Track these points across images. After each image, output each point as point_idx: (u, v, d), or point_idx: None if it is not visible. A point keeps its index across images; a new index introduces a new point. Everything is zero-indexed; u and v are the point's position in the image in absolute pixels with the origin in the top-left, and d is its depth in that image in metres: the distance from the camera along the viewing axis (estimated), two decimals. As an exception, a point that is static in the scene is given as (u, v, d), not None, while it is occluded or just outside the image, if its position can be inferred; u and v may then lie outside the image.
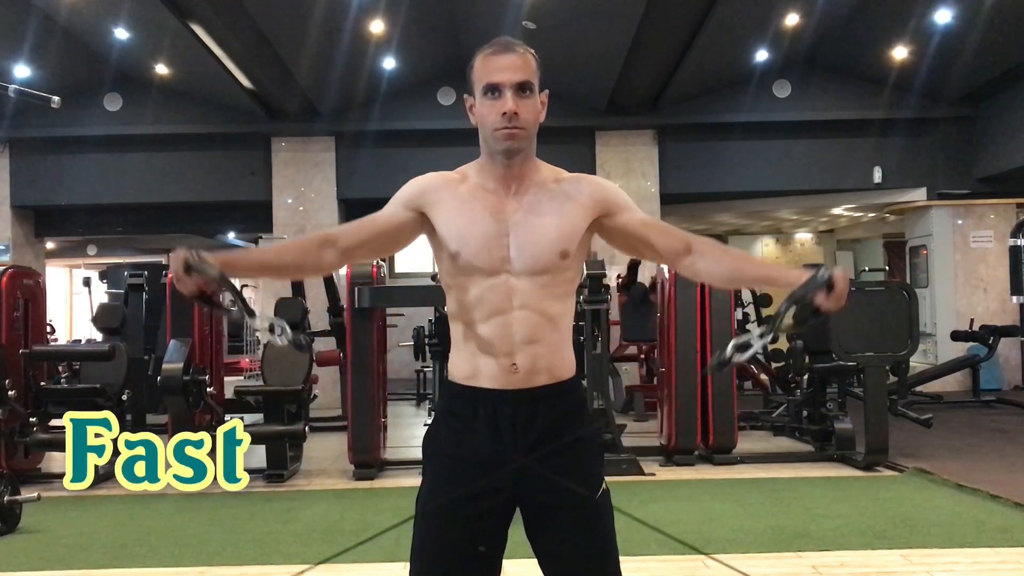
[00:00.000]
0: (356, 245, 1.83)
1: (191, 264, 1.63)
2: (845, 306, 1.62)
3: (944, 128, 10.92)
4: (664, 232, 1.84)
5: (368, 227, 1.84)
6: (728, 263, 1.77)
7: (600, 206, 1.82)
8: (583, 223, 1.81)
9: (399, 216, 1.83)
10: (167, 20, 8.06)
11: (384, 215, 1.84)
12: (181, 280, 1.64)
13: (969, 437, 7.51)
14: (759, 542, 4.24)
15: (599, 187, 1.85)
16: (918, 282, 11.31)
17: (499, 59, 1.75)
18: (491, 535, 1.77)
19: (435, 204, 1.81)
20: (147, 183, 10.97)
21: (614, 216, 1.83)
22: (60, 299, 17.32)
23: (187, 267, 1.63)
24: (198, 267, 1.63)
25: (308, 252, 1.80)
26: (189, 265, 1.63)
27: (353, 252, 1.83)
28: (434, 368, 9.45)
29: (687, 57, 9.16)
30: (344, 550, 3.99)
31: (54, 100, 4.42)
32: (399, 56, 9.79)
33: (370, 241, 1.84)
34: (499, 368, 1.75)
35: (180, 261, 1.63)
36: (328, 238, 1.80)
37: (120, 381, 6.25)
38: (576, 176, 1.86)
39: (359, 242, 1.83)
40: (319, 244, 1.80)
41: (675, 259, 1.82)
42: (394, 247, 1.89)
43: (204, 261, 1.63)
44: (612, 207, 1.83)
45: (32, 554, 4.28)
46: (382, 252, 1.90)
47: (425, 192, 1.82)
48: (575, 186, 1.83)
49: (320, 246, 1.79)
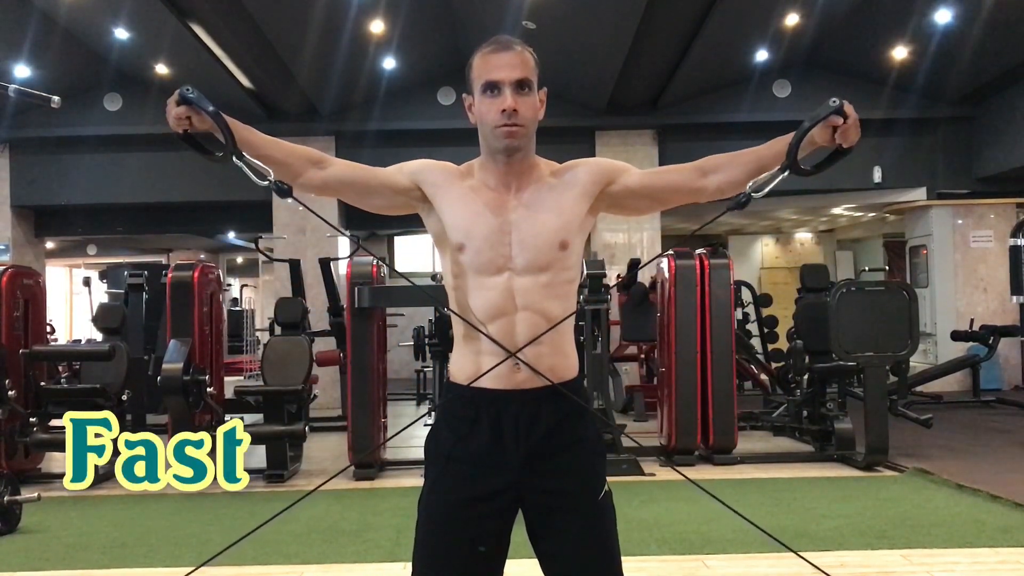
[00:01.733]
0: (342, 179, 1.82)
1: (187, 96, 1.61)
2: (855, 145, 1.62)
3: (944, 128, 10.92)
4: (669, 171, 1.85)
5: (363, 172, 1.83)
6: (742, 161, 1.77)
7: (599, 179, 1.83)
8: (583, 208, 1.81)
9: (397, 179, 1.83)
10: (167, 20, 8.06)
11: (384, 171, 1.84)
12: (171, 110, 1.63)
13: (969, 437, 7.51)
14: (759, 542, 4.23)
15: (592, 164, 1.86)
16: (918, 282, 11.31)
17: (498, 57, 1.75)
18: (493, 536, 1.77)
19: (438, 189, 1.81)
20: (147, 183, 10.97)
21: (615, 181, 1.84)
22: (60, 299, 17.31)
23: (182, 98, 1.61)
24: (195, 99, 1.60)
25: (297, 158, 1.79)
26: (185, 97, 1.61)
27: (336, 185, 1.82)
28: (434, 368, 9.45)
29: (687, 57, 9.16)
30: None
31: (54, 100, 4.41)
32: (399, 56, 9.79)
33: (358, 184, 1.83)
34: (501, 369, 1.75)
35: (176, 93, 1.62)
36: (322, 159, 1.81)
37: (120, 381, 6.25)
38: (569, 164, 1.86)
39: (347, 178, 1.82)
40: (310, 159, 1.80)
41: (693, 188, 1.81)
42: (376, 202, 1.86)
43: (202, 96, 1.61)
44: (611, 174, 1.84)
45: (32, 554, 4.28)
46: (362, 202, 1.87)
47: (431, 172, 1.82)
48: (571, 174, 1.83)
49: (310, 161, 1.80)
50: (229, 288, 17.27)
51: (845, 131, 1.62)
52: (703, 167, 1.80)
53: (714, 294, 6.30)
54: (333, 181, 1.81)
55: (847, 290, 6.27)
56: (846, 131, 1.62)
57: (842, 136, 1.63)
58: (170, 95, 1.65)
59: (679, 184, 1.83)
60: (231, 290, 17.42)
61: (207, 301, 6.37)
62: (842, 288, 6.29)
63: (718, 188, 1.80)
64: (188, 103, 1.62)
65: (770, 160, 1.75)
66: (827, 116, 1.61)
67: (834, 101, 1.60)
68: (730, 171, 1.78)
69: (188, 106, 1.63)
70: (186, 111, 1.64)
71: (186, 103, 1.63)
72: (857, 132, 1.63)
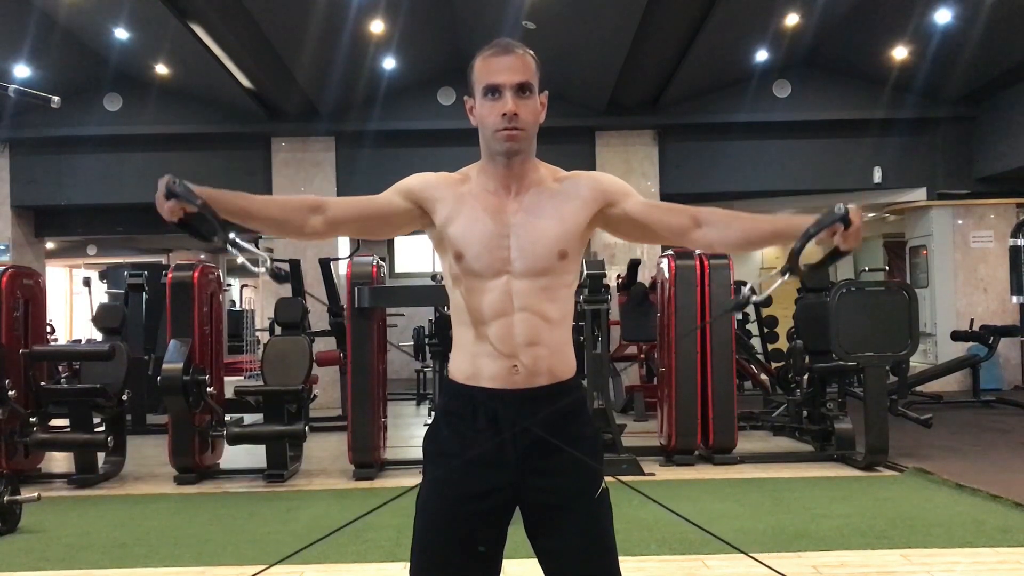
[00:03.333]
0: (345, 219, 1.82)
1: (173, 190, 1.61)
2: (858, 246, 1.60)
3: (944, 128, 10.92)
4: (668, 210, 1.84)
5: (362, 205, 1.83)
6: (738, 226, 1.76)
7: (600, 198, 1.82)
8: (583, 220, 1.81)
9: (395, 203, 1.82)
10: (167, 20, 8.06)
11: (382, 199, 1.83)
12: (161, 204, 1.63)
13: (969, 437, 7.51)
14: (759, 542, 4.24)
15: (596, 180, 1.86)
16: (918, 282, 11.31)
17: (499, 60, 1.75)
18: (491, 534, 1.78)
19: (436, 202, 1.81)
20: (147, 183, 10.65)
21: (616, 205, 1.83)
22: (60, 299, 17.31)
23: (169, 192, 1.61)
24: (182, 194, 1.61)
25: (295, 211, 1.78)
26: (172, 191, 1.61)
27: (340, 225, 1.82)
28: (434, 368, 9.45)
29: (687, 57, 9.16)
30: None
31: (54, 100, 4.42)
32: (399, 56, 9.79)
33: (361, 219, 1.83)
34: (500, 369, 1.76)
35: (163, 184, 1.62)
36: (319, 204, 1.78)
37: (120, 381, 6.24)
38: (574, 174, 1.86)
39: (349, 217, 1.82)
40: (309, 208, 1.78)
41: (685, 235, 1.81)
42: (382, 231, 1.88)
43: (188, 189, 1.61)
44: (612, 196, 1.83)
45: (32, 554, 4.28)
46: (370, 234, 1.89)
47: (427, 187, 1.82)
48: (573, 184, 1.83)
49: (309, 210, 1.78)
50: (229, 288, 17.27)
51: (847, 237, 1.60)
52: (700, 217, 1.79)
53: (714, 294, 6.30)
54: (336, 224, 1.80)
55: (847, 290, 6.27)
56: (847, 237, 1.60)
57: (842, 240, 1.61)
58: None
59: (673, 227, 1.82)
60: (231, 290, 17.43)
61: (207, 301, 6.36)
62: (842, 288, 6.29)
63: (708, 243, 1.82)
64: (176, 197, 1.62)
65: (765, 236, 1.76)
66: (832, 223, 1.59)
67: (839, 208, 1.58)
68: (725, 232, 1.78)
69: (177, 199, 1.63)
70: (177, 204, 1.63)
71: (175, 197, 1.62)
72: (858, 239, 1.61)
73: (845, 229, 1.58)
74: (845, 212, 1.57)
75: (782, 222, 1.71)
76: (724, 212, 1.79)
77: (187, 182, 1.62)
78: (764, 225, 1.75)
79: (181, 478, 6.00)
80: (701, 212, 1.79)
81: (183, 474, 6.02)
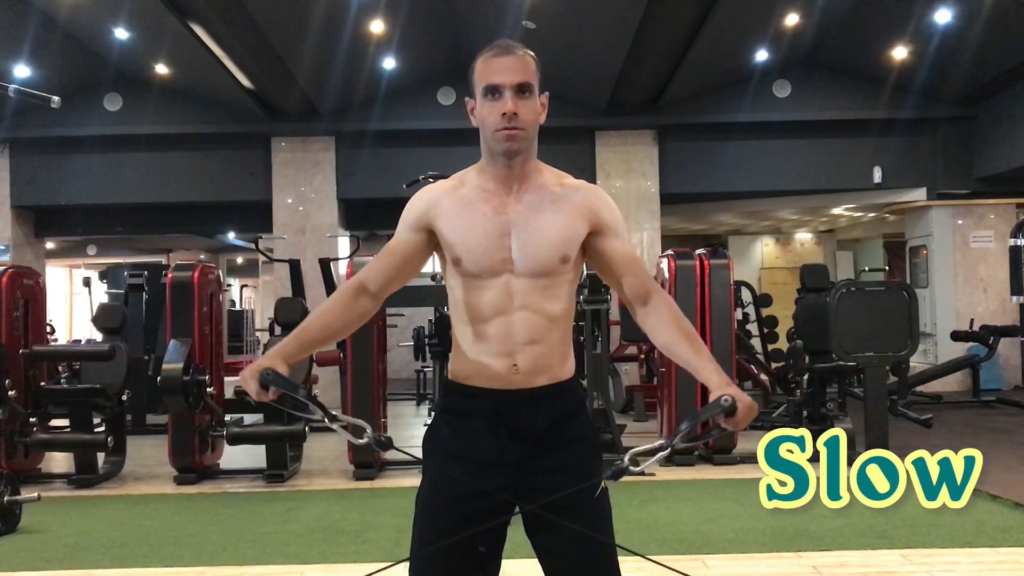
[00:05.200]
0: (387, 285, 1.86)
1: (267, 383, 1.69)
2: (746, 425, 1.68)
3: (944, 128, 10.91)
4: (635, 274, 1.85)
5: (390, 263, 1.85)
6: (669, 333, 1.79)
7: (593, 220, 1.83)
8: (583, 230, 1.82)
9: (412, 241, 1.84)
10: (167, 20, 8.05)
11: (400, 244, 1.85)
12: (258, 393, 1.70)
13: (969, 437, 7.50)
14: (759, 542, 4.24)
15: (598, 203, 1.85)
16: (918, 282, 11.31)
17: (499, 61, 1.76)
18: (490, 534, 1.78)
19: (438, 216, 1.82)
20: (147, 183, 10.96)
21: (601, 236, 1.84)
22: (60, 299, 17.30)
23: (263, 385, 1.69)
24: (281, 384, 1.70)
25: (348, 309, 1.83)
26: (265, 383, 1.69)
27: (385, 292, 1.87)
28: (434, 368, 9.45)
29: (687, 57, 9.15)
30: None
31: (54, 100, 4.42)
32: (399, 56, 9.79)
33: (396, 276, 1.86)
34: (500, 368, 1.76)
35: (256, 382, 1.69)
36: (360, 287, 1.83)
37: (120, 381, 6.24)
38: (580, 184, 1.87)
39: (388, 281, 1.86)
40: (354, 297, 1.83)
41: (632, 304, 1.85)
42: (417, 270, 1.91)
43: (279, 376, 1.69)
44: (603, 227, 1.84)
45: (32, 554, 4.28)
46: (408, 279, 1.93)
47: (428, 207, 1.83)
48: (577, 193, 1.84)
49: (355, 298, 1.83)
50: (229, 288, 17.27)
51: (732, 423, 1.68)
52: (651, 301, 1.81)
53: (714, 294, 6.30)
54: (382, 294, 1.86)
55: (847, 290, 6.26)
56: (732, 423, 1.68)
57: (727, 424, 1.68)
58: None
59: (627, 292, 1.85)
60: (231, 290, 17.42)
61: (207, 301, 6.36)
62: (842, 288, 6.29)
63: (642, 325, 1.84)
64: (276, 386, 1.70)
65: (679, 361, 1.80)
66: (714, 415, 1.67)
67: (725, 400, 1.65)
68: (657, 329, 1.81)
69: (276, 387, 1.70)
70: (274, 391, 1.70)
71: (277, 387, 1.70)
72: (740, 427, 1.68)
73: (730, 417, 1.66)
74: (730, 406, 1.65)
75: (697, 365, 1.75)
76: (670, 310, 1.81)
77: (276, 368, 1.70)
78: (682, 352, 1.78)
79: (181, 478, 6.00)
80: (655, 295, 1.82)
81: (183, 474, 6.02)
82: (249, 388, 1.70)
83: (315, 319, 1.82)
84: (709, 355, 1.77)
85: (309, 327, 1.80)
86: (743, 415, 1.65)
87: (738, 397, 1.65)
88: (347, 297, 1.83)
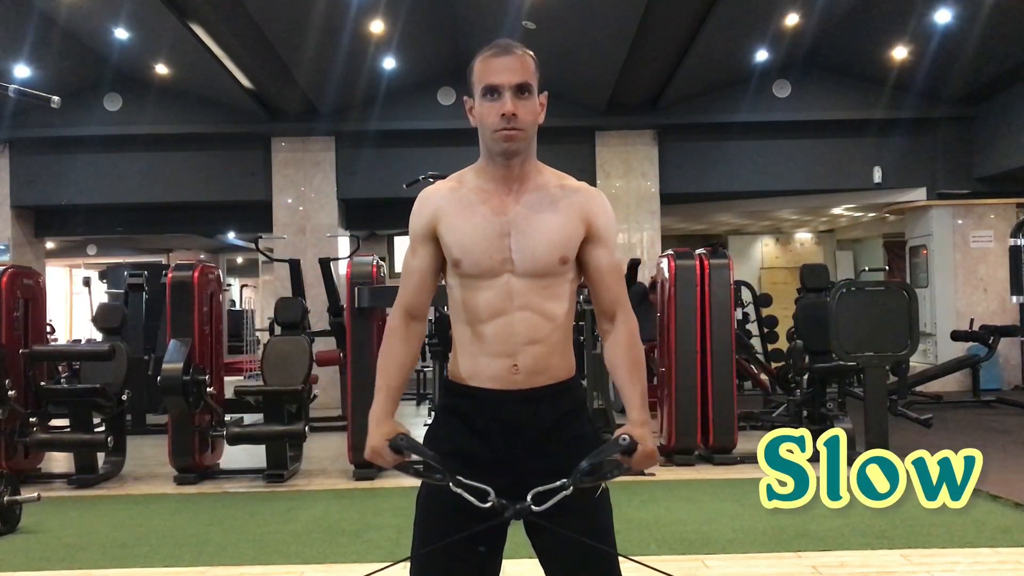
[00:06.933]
0: (425, 302, 1.89)
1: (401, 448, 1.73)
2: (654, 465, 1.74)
3: (944, 128, 10.91)
4: (608, 290, 1.86)
5: (419, 282, 1.87)
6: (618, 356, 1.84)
7: (588, 225, 1.83)
8: (581, 231, 1.82)
9: (428, 253, 1.85)
10: (167, 20, 8.05)
11: (419, 261, 1.86)
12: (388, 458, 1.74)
13: (969, 437, 7.50)
14: (759, 542, 4.24)
15: (596, 209, 1.85)
16: (918, 282, 11.30)
17: (498, 61, 1.76)
18: (491, 534, 1.77)
19: (440, 218, 1.82)
20: (147, 183, 10.96)
21: (589, 243, 1.84)
22: (60, 299, 17.30)
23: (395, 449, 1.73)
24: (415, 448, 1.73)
25: (409, 342, 1.87)
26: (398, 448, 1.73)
27: (426, 309, 1.91)
28: (434, 368, 9.44)
29: (687, 57, 9.15)
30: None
31: (54, 100, 4.41)
32: (399, 56, 9.79)
33: (428, 289, 1.89)
34: (500, 369, 1.76)
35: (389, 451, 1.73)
36: (406, 317, 1.87)
37: (120, 381, 6.24)
38: (581, 186, 1.87)
39: (425, 298, 1.89)
40: (406, 328, 1.86)
41: (598, 315, 1.89)
42: (440, 277, 1.92)
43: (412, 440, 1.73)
44: (594, 234, 1.84)
45: (32, 554, 4.28)
46: (436, 287, 1.94)
47: (431, 214, 1.83)
48: (577, 195, 1.84)
49: (408, 329, 1.87)
50: (229, 288, 17.28)
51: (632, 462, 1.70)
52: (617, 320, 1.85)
53: (714, 294, 6.30)
54: (426, 308, 1.91)
55: (847, 290, 6.26)
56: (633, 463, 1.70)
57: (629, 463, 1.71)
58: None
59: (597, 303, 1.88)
60: (231, 290, 17.42)
61: (207, 301, 6.36)
62: (842, 288, 6.29)
63: (601, 338, 1.91)
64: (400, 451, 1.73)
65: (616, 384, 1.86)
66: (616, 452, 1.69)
67: (624, 439, 1.68)
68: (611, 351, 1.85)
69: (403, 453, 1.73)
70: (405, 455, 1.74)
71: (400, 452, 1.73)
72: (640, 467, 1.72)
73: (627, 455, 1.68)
74: (628, 445, 1.67)
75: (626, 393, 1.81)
76: (627, 340, 1.84)
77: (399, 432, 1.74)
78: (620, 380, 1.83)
79: (181, 478, 6.00)
80: (620, 318, 1.85)
81: (183, 474, 6.02)
82: (383, 459, 1.73)
83: (390, 366, 1.85)
84: (643, 390, 1.81)
85: (390, 375, 1.84)
86: (638, 459, 1.69)
87: (640, 439, 1.68)
88: (402, 332, 1.86)
